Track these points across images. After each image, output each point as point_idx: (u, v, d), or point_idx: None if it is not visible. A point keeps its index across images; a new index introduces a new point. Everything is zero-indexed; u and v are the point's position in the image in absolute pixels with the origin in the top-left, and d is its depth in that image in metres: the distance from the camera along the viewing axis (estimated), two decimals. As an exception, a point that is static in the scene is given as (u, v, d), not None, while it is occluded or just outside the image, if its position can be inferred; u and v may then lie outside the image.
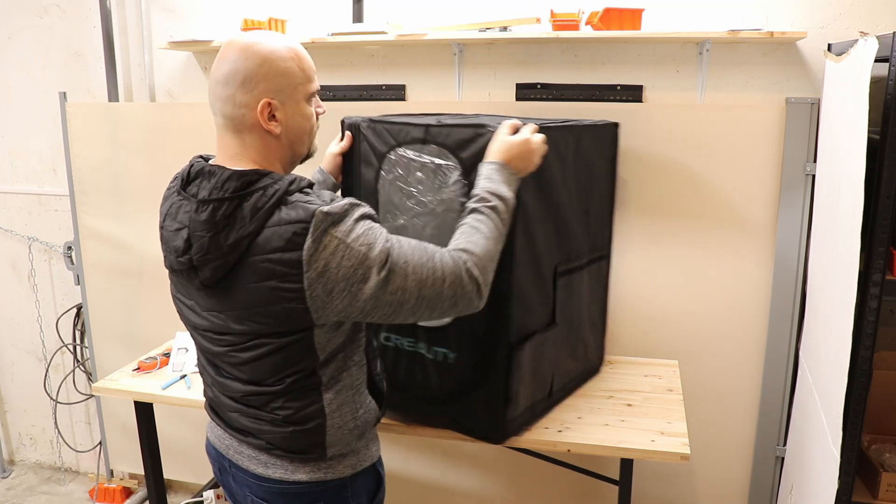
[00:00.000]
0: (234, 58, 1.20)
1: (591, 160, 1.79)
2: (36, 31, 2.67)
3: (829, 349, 1.62)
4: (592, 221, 1.85)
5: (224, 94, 1.21)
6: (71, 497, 3.01)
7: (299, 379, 1.26)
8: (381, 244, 1.18)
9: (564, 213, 1.68)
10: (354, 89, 2.38)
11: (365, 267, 1.15)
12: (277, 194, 1.16)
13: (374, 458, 1.42)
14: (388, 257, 1.17)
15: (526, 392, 1.63)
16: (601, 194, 1.90)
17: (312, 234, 1.13)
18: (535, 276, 1.60)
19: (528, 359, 1.60)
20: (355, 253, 1.15)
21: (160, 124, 2.48)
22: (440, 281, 1.20)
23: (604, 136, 1.89)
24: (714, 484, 2.31)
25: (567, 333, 1.78)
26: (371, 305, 1.18)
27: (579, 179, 1.74)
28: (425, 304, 1.21)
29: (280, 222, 1.14)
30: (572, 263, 1.77)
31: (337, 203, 1.17)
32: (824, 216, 1.84)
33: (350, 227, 1.16)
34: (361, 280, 1.15)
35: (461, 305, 1.24)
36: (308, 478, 1.33)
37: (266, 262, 1.15)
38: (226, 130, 1.24)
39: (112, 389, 1.98)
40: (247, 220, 1.15)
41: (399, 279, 1.18)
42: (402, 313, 1.21)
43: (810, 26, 2.00)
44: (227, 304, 1.22)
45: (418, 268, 1.19)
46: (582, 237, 1.80)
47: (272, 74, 1.21)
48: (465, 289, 1.23)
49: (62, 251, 2.80)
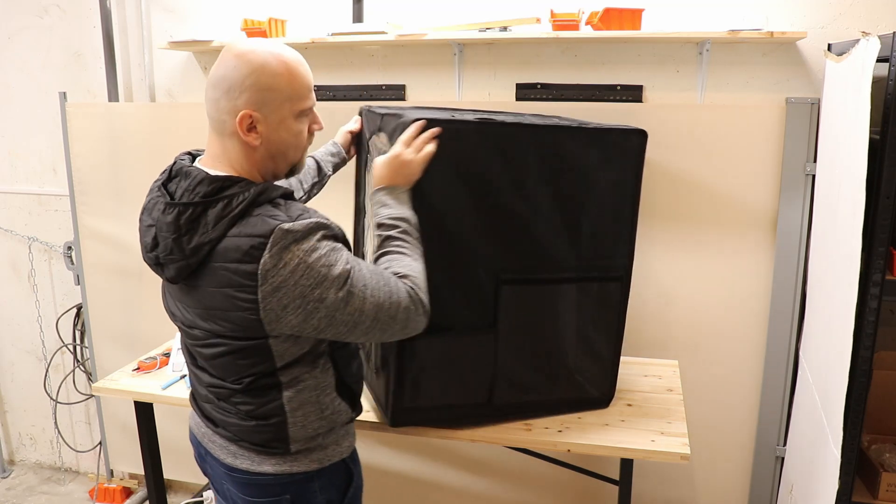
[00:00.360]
0: (226, 63, 1.20)
1: (581, 167, 1.61)
2: (36, 31, 2.67)
3: (829, 349, 1.62)
4: (587, 236, 1.65)
5: (211, 96, 1.22)
6: (71, 497, 3.01)
7: (257, 379, 1.29)
8: (341, 266, 1.19)
9: (514, 219, 1.59)
10: (354, 89, 2.38)
11: (323, 287, 1.17)
12: (242, 205, 1.17)
13: (343, 454, 1.43)
14: (349, 279, 1.19)
15: (434, 385, 1.63)
16: (605, 208, 1.66)
17: (270, 249, 1.14)
18: (452, 275, 1.56)
19: (430, 351, 1.59)
20: (314, 272, 1.16)
21: (160, 124, 2.48)
22: (395, 305, 1.25)
23: (611, 143, 1.63)
24: (714, 484, 2.31)
25: (521, 347, 1.67)
26: (325, 324, 1.20)
27: (556, 186, 1.60)
28: (379, 326, 1.24)
29: (241, 234, 1.15)
30: (533, 275, 1.64)
31: (302, 220, 1.17)
32: (824, 216, 1.84)
33: (312, 245, 1.17)
34: (318, 299, 1.17)
35: (410, 328, 1.30)
36: (273, 470, 1.35)
37: (224, 269, 1.17)
38: (211, 131, 1.26)
39: (112, 389, 1.98)
40: (210, 226, 1.17)
41: (357, 301, 1.20)
42: (354, 333, 1.24)
43: (810, 26, 2.00)
44: (192, 301, 1.25)
45: (376, 291, 1.23)
46: (560, 250, 1.64)
47: (257, 87, 1.19)
48: (417, 313, 1.28)
49: (62, 251, 2.80)
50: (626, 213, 1.68)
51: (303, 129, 1.30)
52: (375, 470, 2.56)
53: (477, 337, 1.63)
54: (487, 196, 1.56)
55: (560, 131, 1.60)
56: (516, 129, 1.57)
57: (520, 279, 1.62)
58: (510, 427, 1.69)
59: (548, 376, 1.73)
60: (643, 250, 2.18)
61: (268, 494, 1.37)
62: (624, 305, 1.74)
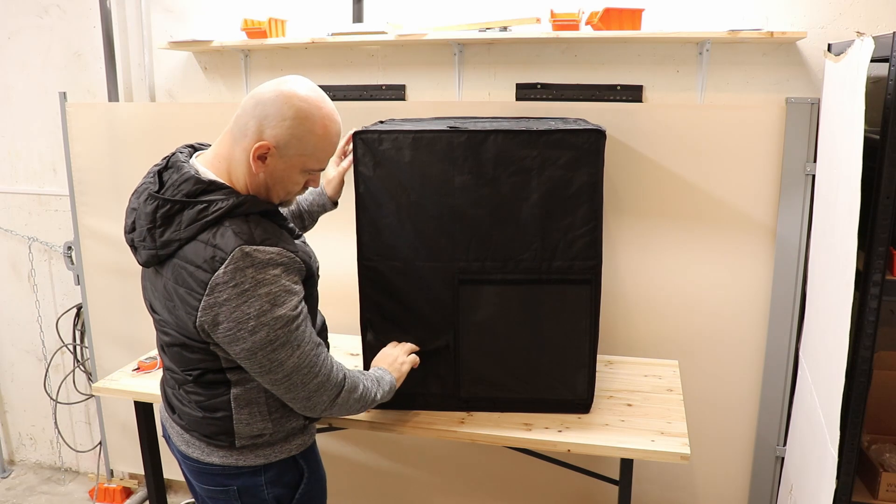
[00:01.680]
0: (279, 94, 1.25)
1: (539, 169, 1.61)
2: (36, 31, 2.67)
3: (829, 349, 1.62)
4: (548, 239, 1.65)
5: (248, 110, 1.26)
6: (71, 497, 3.01)
7: (205, 373, 1.34)
8: (286, 310, 1.23)
9: (473, 221, 1.65)
10: (354, 89, 2.38)
11: (259, 322, 1.21)
12: (217, 213, 1.22)
13: (292, 451, 1.45)
14: (286, 326, 1.23)
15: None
16: (567, 210, 1.64)
17: (226, 266, 1.18)
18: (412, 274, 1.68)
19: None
20: (258, 305, 1.20)
21: (160, 124, 2.48)
22: (312, 377, 1.29)
23: (570, 144, 1.61)
24: (714, 484, 2.31)
25: (483, 346, 1.72)
26: (245, 356, 1.24)
27: (515, 189, 1.63)
28: (286, 384, 1.28)
29: (208, 241, 1.21)
30: (492, 276, 1.67)
31: (265, 247, 1.21)
32: (824, 216, 1.84)
33: (266, 277, 1.21)
34: (250, 331, 1.21)
35: (310, 403, 1.32)
36: (220, 461, 1.41)
37: (184, 269, 1.23)
38: (229, 133, 1.31)
39: (112, 389, 1.98)
40: (182, 225, 1.22)
41: (284, 353, 1.24)
42: (264, 377, 1.28)
43: (810, 26, 2.00)
44: (157, 288, 1.33)
45: (304, 355, 1.27)
46: (519, 252, 1.66)
47: (290, 132, 1.25)
48: (322, 398, 1.32)
49: (62, 251, 2.80)
50: (590, 215, 1.65)
51: (301, 182, 1.35)
52: (376, 470, 2.56)
53: (438, 335, 1.72)
54: (447, 199, 1.64)
55: (517, 135, 1.62)
56: (472, 135, 1.62)
57: (478, 280, 1.68)
58: (510, 427, 1.70)
59: (517, 376, 1.75)
60: (642, 250, 2.18)
61: (217, 484, 1.43)
62: (596, 309, 1.70)
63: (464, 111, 2.19)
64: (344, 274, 1.94)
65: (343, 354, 2.18)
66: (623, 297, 2.21)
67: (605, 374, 2.02)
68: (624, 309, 2.22)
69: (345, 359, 2.15)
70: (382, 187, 1.64)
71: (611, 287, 2.18)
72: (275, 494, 1.44)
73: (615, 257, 2.19)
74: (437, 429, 1.71)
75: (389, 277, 1.69)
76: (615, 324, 2.22)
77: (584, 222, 1.65)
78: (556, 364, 1.74)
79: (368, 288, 1.71)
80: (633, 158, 2.11)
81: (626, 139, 2.10)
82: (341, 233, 1.94)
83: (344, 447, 2.56)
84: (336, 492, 2.63)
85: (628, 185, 2.14)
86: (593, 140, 1.61)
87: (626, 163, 2.11)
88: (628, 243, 2.18)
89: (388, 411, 1.76)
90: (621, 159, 2.10)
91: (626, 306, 2.22)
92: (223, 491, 1.44)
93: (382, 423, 1.74)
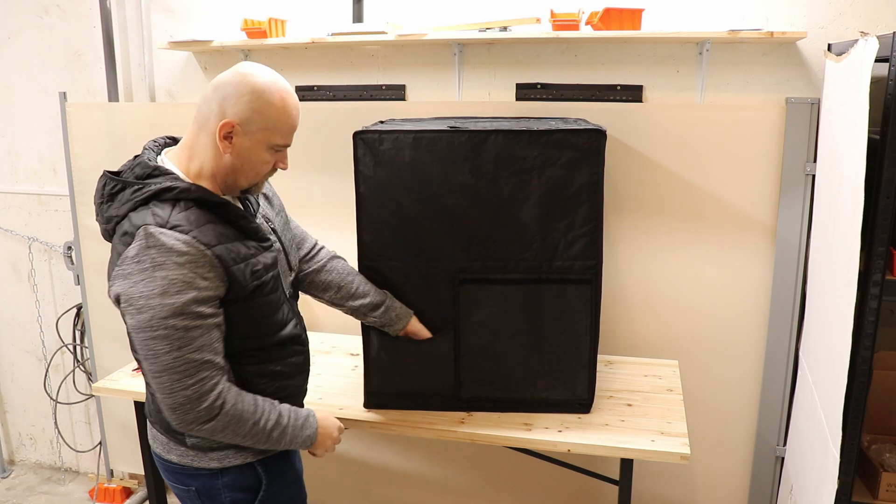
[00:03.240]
0: (235, 75, 1.30)
1: (539, 169, 1.62)
2: (36, 31, 2.67)
3: (829, 349, 1.62)
4: (548, 239, 1.65)
5: (208, 95, 1.31)
6: (71, 497, 3.01)
7: None
8: (178, 301, 1.21)
9: (474, 221, 1.65)
10: (354, 89, 2.38)
11: (147, 304, 1.21)
12: (146, 194, 1.26)
13: (247, 458, 1.42)
14: (173, 319, 1.21)
15: (399, 375, 1.75)
16: (566, 210, 1.64)
17: (136, 241, 1.22)
18: (412, 273, 1.69)
19: (391, 344, 1.72)
20: (151, 285, 1.21)
21: (160, 124, 2.46)
22: (181, 388, 1.24)
23: (570, 144, 1.61)
24: (714, 484, 2.31)
25: (483, 345, 1.72)
26: (130, 332, 1.26)
27: (515, 189, 1.63)
28: (157, 382, 1.25)
29: (131, 219, 1.25)
30: (492, 275, 1.68)
31: (174, 233, 1.22)
32: (824, 216, 1.84)
33: (167, 261, 1.21)
34: (137, 310, 1.22)
35: (175, 416, 1.26)
36: (178, 461, 1.42)
37: (113, 246, 1.29)
38: (193, 123, 1.35)
39: (112, 389, 1.99)
40: (121, 202, 1.28)
41: (161, 346, 1.22)
42: (143, 363, 1.28)
43: (810, 26, 2.00)
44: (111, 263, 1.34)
45: (181, 360, 1.23)
46: (520, 252, 1.66)
47: (251, 106, 1.28)
48: (188, 416, 1.25)
49: (62, 251, 2.80)
50: (590, 215, 1.65)
51: (269, 162, 1.36)
52: (376, 470, 2.56)
53: (437, 334, 1.72)
54: (447, 198, 1.64)
55: (517, 135, 1.62)
56: (472, 135, 1.62)
57: (479, 279, 1.68)
58: (510, 427, 1.70)
59: (517, 376, 1.75)
60: (643, 250, 2.18)
61: (178, 482, 1.45)
62: (596, 309, 1.70)
63: (464, 111, 2.19)
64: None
65: (343, 354, 2.18)
66: (623, 297, 2.21)
67: (605, 374, 2.02)
68: (624, 309, 2.22)
69: (345, 359, 2.15)
70: (383, 187, 1.64)
71: (610, 287, 2.18)
72: (233, 499, 1.43)
73: (615, 257, 2.19)
74: (437, 429, 1.71)
75: (390, 277, 1.69)
76: (615, 324, 2.22)
77: (585, 222, 1.65)
78: (557, 364, 1.73)
79: None
80: (633, 158, 2.11)
81: (626, 139, 2.10)
82: (341, 233, 1.94)
83: (344, 447, 2.56)
84: (336, 492, 2.64)
85: (628, 186, 2.14)
86: (594, 140, 1.61)
87: (626, 163, 2.11)
88: (628, 243, 2.18)
89: (388, 411, 1.76)
90: (621, 159, 2.10)
91: (625, 306, 2.22)
92: (185, 490, 1.45)
93: (382, 423, 1.74)
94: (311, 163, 2.32)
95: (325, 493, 2.63)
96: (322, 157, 2.31)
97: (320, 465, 2.58)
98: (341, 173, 2.21)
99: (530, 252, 1.67)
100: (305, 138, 2.28)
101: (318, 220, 2.33)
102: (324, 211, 2.33)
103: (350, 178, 1.66)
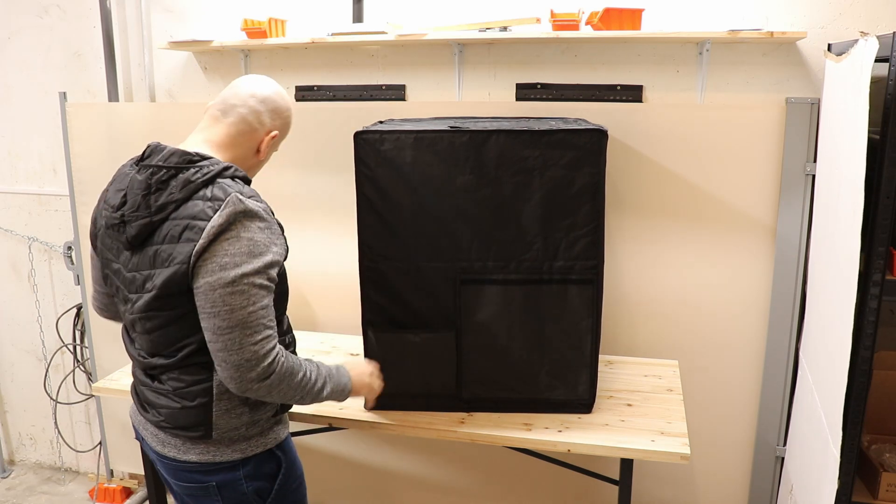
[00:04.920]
0: (275, 91, 1.49)
1: (541, 169, 1.62)
2: (36, 31, 2.67)
3: (829, 349, 1.62)
4: (549, 239, 1.65)
5: (254, 107, 1.45)
6: (71, 497, 3.01)
7: (191, 353, 1.37)
8: (261, 261, 1.31)
9: (475, 221, 1.65)
10: (354, 89, 2.38)
11: (233, 261, 1.28)
12: (210, 174, 1.34)
13: (268, 444, 1.48)
14: (254, 277, 1.30)
15: (400, 375, 1.74)
16: (567, 210, 1.64)
17: (222, 210, 1.29)
18: (414, 273, 1.69)
19: (392, 345, 1.73)
20: (238, 245, 1.29)
21: (160, 124, 2.48)
22: (250, 344, 1.29)
23: (571, 144, 1.61)
24: (714, 484, 2.31)
25: (485, 345, 1.72)
26: (204, 290, 1.29)
27: (516, 189, 1.63)
28: (226, 338, 1.29)
29: (204, 197, 1.32)
30: (494, 276, 1.68)
31: (254, 201, 1.35)
32: (824, 216, 1.84)
33: (254, 225, 1.32)
34: (221, 266, 1.28)
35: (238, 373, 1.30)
36: (198, 458, 1.43)
37: (178, 225, 1.31)
38: (229, 126, 1.45)
39: (112, 389, 1.99)
40: (177, 188, 1.32)
41: (239, 300, 1.28)
42: (210, 320, 1.30)
43: (810, 26, 2.00)
44: (144, 263, 1.36)
45: (254, 316, 1.30)
46: (521, 252, 1.66)
47: (284, 122, 1.52)
48: (250, 374, 1.31)
49: (62, 251, 2.80)
50: (591, 215, 1.65)
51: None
52: (376, 470, 2.56)
53: (439, 334, 1.72)
54: (448, 199, 1.65)
55: (519, 135, 1.62)
56: (474, 135, 1.62)
57: (480, 280, 1.68)
58: (510, 427, 1.70)
59: (518, 376, 1.75)
60: (642, 250, 2.18)
61: (195, 481, 1.45)
62: (597, 309, 1.71)
63: (464, 111, 2.19)
64: (344, 274, 1.94)
65: (343, 355, 2.18)
66: (623, 297, 2.22)
67: (605, 374, 2.02)
68: (624, 309, 2.22)
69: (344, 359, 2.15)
70: (384, 188, 1.64)
71: (611, 287, 2.18)
72: (254, 487, 1.46)
73: (615, 257, 2.19)
74: (437, 429, 1.71)
75: (391, 278, 1.69)
76: (615, 324, 2.22)
77: (586, 222, 1.65)
78: (558, 364, 1.73)
79: (370, 289, 1.71)
80: (633, 158, 2.11)
81: (626, 139, 2.10)
82: (342, 233, 1.94)
83: (344, 447, 2.56)
84: (336, 492, 2.64)
85: (628, 186, 2.14)
86: (595, 140, 1.61)
87: (626, 163, 2.11)
88: (628, 243, 2.18)
89: (388, 411, 1.76)
90: (621, 159, 2.10)
91: (625, 306, 2.22)
92: (202, 488, 1.45)
93: (382, 423, 1.74)
94: (312, 163, 2.32)
95: (326, 493, 2.63)
96: (322, 158, 2.31)
97: (320, 465, 2.58)
98: (341, 173, 2.21)
99: (532, 252, 1.66)
100: (305, 138, 2.29)
101: (318, 221, 2.34)
102: (324, 211, 2.33)
103: (350, 179, 1.66)
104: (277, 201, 2.43)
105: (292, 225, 2.34)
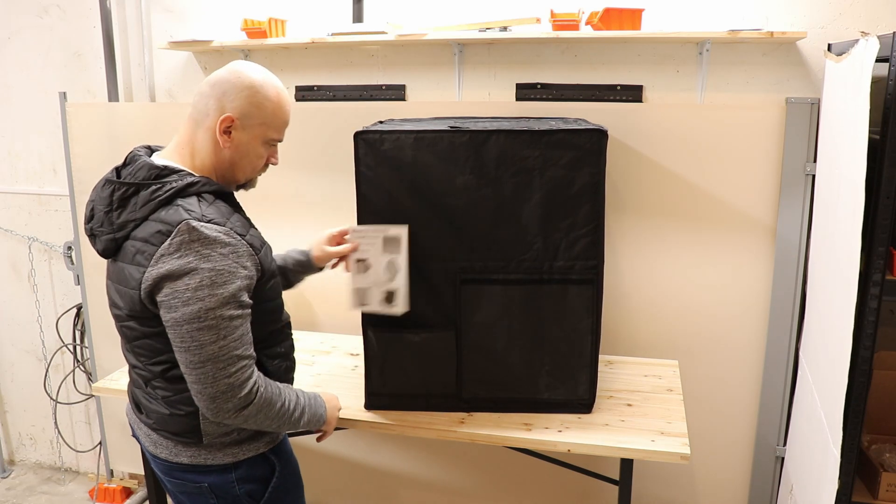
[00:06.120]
0: (232, 72, 1.35)
1: (541, 169, 1.62)
2: (36, 31, 2.67)
3: (829, 349, 1.62)
4: (549, 239, 1.66)
5: (204, 91, 1.35)
6: (71, 497, 3.01)
7: (172, 367, 1.34)
8: (226, 291, 1.24)
9: (475, 221, 1.66)
10: (354, 89, 2.38)
11: (195, 295, 1.22)
12: (170, 193, 1.27)
13: (261, 448, 1.46)
14: (221, 309, 1.24)
15: (400, 375, 1.74)
16: (568, 210, 1.64)
17: (172, 238, 1.23)
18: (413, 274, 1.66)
19: (393, 344, 1.72)
20: (199, 277, 1.22)
21: (160, 124, 2.48)
22: (224, 377, 1.26)
23: (571, 144, 1.61)
24: (714, 484, 2.31)
25: (484, 345, 1.72)
26: (172, 325, 1.25)
27: (516, 188, 1.63)
28: (199, 372, 1.26)
29: (159, 218, 1.26)
30: (493, 275, 1.68)
31: (212, 225, 1.25)
32: (824, 216, 1.84)
33: (210, 253, 1.24)
34: (184, 302, 1.23)
35: (214, 405, 1.28)
36: (190, 461, 1.42)
37: (133, 247, 1.28)
38: (189, 121, 1.37)
39: (112, 389, 1.98)
40: (138, 206, 1.28)
41: (208, 336, 1.24)
42: (183, 355, 1.27)
43: (810, 26, 2.00)
44: (116, 278, 1.35)
45: (226, 349, 1.25)
46: (521, 252, 1.66)
47: (249, 101, 1.34)
48: (227, 405, 1.28)
49: (62, 251, 2.80)
50: (591, 215, 1.65)
51: (264, 156, 1.42)
52: (376, 470, 2.56)
53: (439, 334, 1.71)
54: (448, 199, 1.64)
55: (519, 135, 1.62)
56: (474, 136, 1.62)
57: (480, 279, 1.68)
58: (510, 427, 1.70)
59: (518, 376, 1.75)
60: (642, 250, 2.18)
61: (188, 481, 1.44)
62: (598, 309, 1.70)
63: (464, 111, 2.19)
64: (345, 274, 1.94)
65: (343, 354, 2.18)
66: (623, 297, 2.22)
67: (605, 374, 2.02)
68: (624, 309, 2.22)
69: (345, 359, 2.15)
70: (384, 188, 1.64)
71: (610, 287, 2.18)
72: (247, 490, 1.45)
73: (615, 257, 2.19)
74: (437, 429, 1.71)
75: None
76: (615, 324, 2.22)
77: (586, 222, 1.65)
78: (558, 364, 1.73)
79: None
80: (633, 158, 2.11)
81: (626, 139, 2.10)
82: (341, 233, 1.94)
83: (343, 447, 2.56)
84: (336, 492, 2.64)
85: (628, 186, 2.14)
86: (595, 140, 1.62)
87: (626, 163, 2.11)
88: (628, 243, 2.18)
89: (388, 411, 1.76)
90: (621, 159, 2.10)
91: (625, 306, 2.22)
92: (196, 487, 1.45)
93: (382, 423, 1.74)
94: (312, 162, 2.32)
95: (326, 493, 2.63)
96: (322, 157, 2.31)
97: (320, 465, 2.58)
98: (341, 173, 2.21)
99: (532, 252, 1.66)
100: (305, 138, 2.29)
101: (318, 221, 2.34)
102: (324, 211, 2.33)
103: (350, 179, 1.66)
104: (277, 201, 2.45)
105: (292, 225, 2.35)
